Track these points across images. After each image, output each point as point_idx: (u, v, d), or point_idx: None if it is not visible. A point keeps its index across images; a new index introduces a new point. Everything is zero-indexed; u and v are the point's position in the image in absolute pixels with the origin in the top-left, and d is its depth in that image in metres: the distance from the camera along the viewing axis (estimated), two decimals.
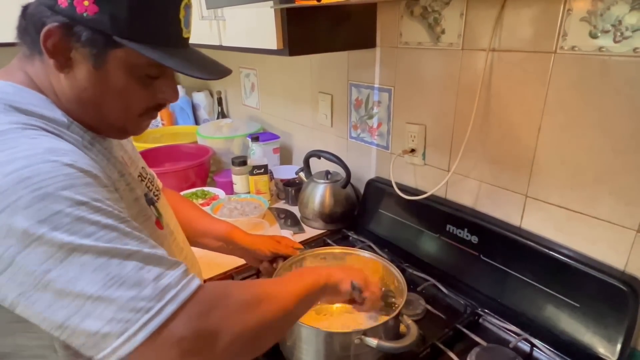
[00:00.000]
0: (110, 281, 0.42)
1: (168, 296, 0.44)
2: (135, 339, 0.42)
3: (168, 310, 0.44)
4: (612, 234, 0.78)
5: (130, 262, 0.44)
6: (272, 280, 0.61)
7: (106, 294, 0.42)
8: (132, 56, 0.52)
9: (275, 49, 1.00)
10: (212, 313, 0.46)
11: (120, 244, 0.44)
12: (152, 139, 1.85)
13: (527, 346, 0.81)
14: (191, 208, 0.92)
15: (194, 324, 0.45)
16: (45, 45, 0.49)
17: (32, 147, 0.45)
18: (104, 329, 0.42)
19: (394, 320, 0.73)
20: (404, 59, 1.09)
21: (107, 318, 0.42)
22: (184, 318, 0.44)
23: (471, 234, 0.97)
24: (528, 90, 0.84)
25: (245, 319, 0.49)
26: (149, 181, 0.70)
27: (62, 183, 0.43)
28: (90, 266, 0.42)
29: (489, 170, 0.96)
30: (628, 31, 0.69)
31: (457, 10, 0.93)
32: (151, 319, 0.43)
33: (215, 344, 0.46)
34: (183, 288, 0.46)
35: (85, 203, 0.44)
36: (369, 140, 1.29)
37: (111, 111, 0.55)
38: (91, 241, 0.43)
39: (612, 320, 0.75)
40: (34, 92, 0.52)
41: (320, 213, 1.26)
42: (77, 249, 0.42)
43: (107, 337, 0.42)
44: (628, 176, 0.74)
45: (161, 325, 0.43)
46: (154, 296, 0.44)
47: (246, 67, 1.86)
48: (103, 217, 0.45)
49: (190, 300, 0.46)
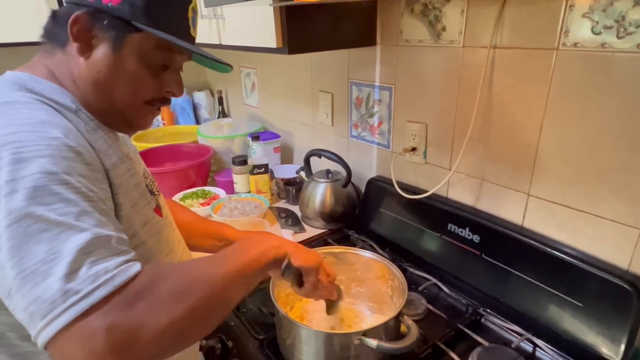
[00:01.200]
0: (50, 256, 0.41)
1: (101, 280, 0.42)
2: (56, 322, 0.40)
3: (97, 294, 0.41)
4: (616, 232, 0.77)
5: (75, 239, 0.43)
6: (213, 257, 0.55)
7: (42, 269, 0.41)
8: (146, 43, 0.58)
9: (275, 48, 0.99)
10: (136, 305, 0.43)
11: (72, 220, 0.43)
12: (153, 139, 1.84)
13: (530, 346, 0.80)
14: (184, 212, 0.93)
15: (114, 316, 0.42)
16: (72, 30, 0.55)
17: (29, 117, 0.48)
18: (30, 308, 0.41)
19: (395, 320, 0.72)
20: (404, 56, 1.08)
21: (34, 296, 0.40)
22: (107, 309, 0.42)
23: (473, 233, 0.96)
24: (530, 88, 0.83)
25: (174, 310, 0.45)
26: (151, 180, 0.72)
27: (41, 152, 0.45)
28: (35, 237, 0.42)
29: (491, 168, 0.96)
30: (632, 27, 0.68)
31: (458, 7, 0.92)
32: (76, 302, 0.41)
33: (138, 337, 0.42)
34: (120, 272, 0.44)
35: (55, 173, 0.44)
36: (369, 139, 1.28)
37: (120, 95, 0.60)
38: (44, 211, 0.42)
39: (615, 320, 0.74)
40: (47, 82, 0.57)
41: (321, 212, 1.26)
42: (28, 216, 0.42)
43: (32, 316, 0.41)
44: (631, 174, 0.73)
45: (85, 312, 0.41)
46: (86, 278, 0.42)
47: (247, 66, 1.85)
48: (67, 190, 0.45)
49: (122, 289, 0.43)
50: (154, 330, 0.43)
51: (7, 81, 0.54)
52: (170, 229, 0.71)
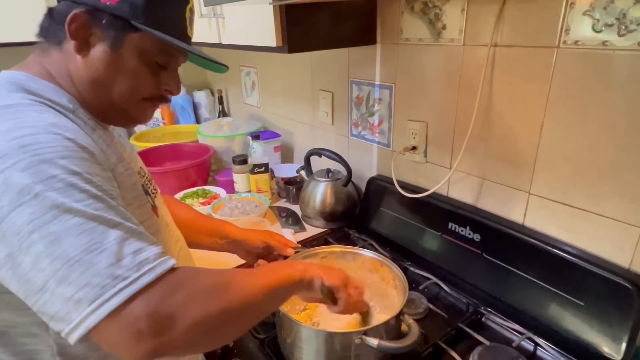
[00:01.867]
0: (93, 246, 0.43)
1: (145, 268, 0.45)
2: (107, 306, 0.42)
3: (144, 280, 0.44)
4: (617, 231, 0.77)
5: (113, 231, 0.45)
6: (244, 270, 0.58)
7: (86, 258, 0.43)
8: (145, 42, 0.58)
9: (275, 47, 0.99)
10: (174, 296, 0.46)
11: (106, 214, 0.46)
12: (153, 138, 1.84)
13: (531, 345, 0.80)
14: (183, 209, 0.93)
15: (155, 304, 0.44)
16: (70, 28, 0.55)
17: (37, 119, 0.49)
18: (78, 295, 0.42)
19: (395, 319, 0.72)
20: (404, 55, 1.08)
21: (83, 283, 0.42)
22: (147, 296, 0.44)
23: (473, 231, 0.96)
24: (530, 86, 0.83)
25: (208, 305, 0.48)
26: (147, 179, 0.72)
27: (61, 153, 0.46)
28: (75, 229, 0.43)
29: (491, 167, 0.95)
30: (633, 24, 0.67)
31: (458, 5, 0.91)
32: (126, 287, 0.43)
33: (172, 328, 0.45)
34: (160, 264, 0.46)
35: (79, 173, 0.46)
36: (370, 138, 1.28)
37: (119, 93, 0.60)
38: (80, 206, 0.44)
39: (616, 318, 0.74)
40: (45, 81, 0.57)
41: (322, 211, 1.26)
42: (67, 211, 0.43)
43: (79, 303, 0.42)
44: (633, 173, 0.73)
45: (132, 296, 0.43)
46: (132, 266, 0.44)
47: (247, 65, 1.85)
48: (93, 188, 0.47)
49: (162, 278, 0.46)
50: (189, 320, 0.46)
51: (4, 82, 0.54)
52: (166, 230, 0.71)
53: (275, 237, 0.92)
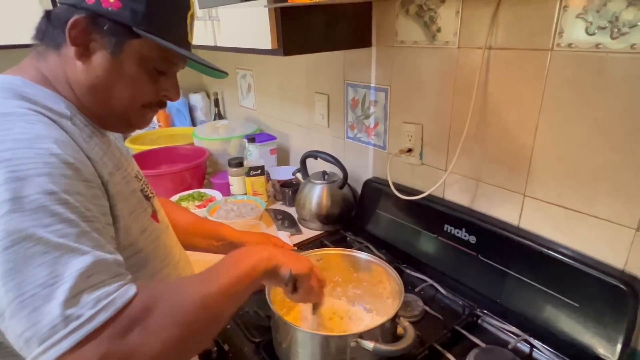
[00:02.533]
0: (51, 280, 0.41)
1: (102, 304, 0.42)
2: (59, 347, 0.39)
3: (99, 319, 0.41)
4: (611, 232, 0.77)
5: (77, 261, 0.42)
6: (203, 276, 0.54)
7: (41, 294, 0.40)
8: (145, 48, 0.57)
9: (270, 49, 0.99)
10: (131, 332, 0.43)
11: (73, 242, 0.43)
12: (148, 141, 1.84)
13: (527, 347, 0.80)
14: (180, 211, 0.93)
15: (105, 348, 0.41)
16: (70, 34, 0.54)
17: (25, 131, 0.47)
18: (27, 333, 0.40)
19: (391, 322, 0.72)
20: (400, 58, 1.08)
21: (33, 321, 0.40)
22: (101, 338, 0.41)
23: (469, 233, 0.96)
24: (525, 88, 0.84)
25: (167, 335, 0.45)
26: (144, 183, 0.71)
27: (39, 170, 0.44)
28: (36, 259, 0.41)
29: (487, 169, 0.96)
30: (625, 27, 0.68)
31: (452, 8, 0.92)
32: (79, 327, 0.40)
33: None
34: (119, 297, 0.43)
35: (54, 193, 0.44)
36: (365, 140, 1.28)
37: (119, 99, 0.59)
38: (46, 232, 0.42)
39: (611, 320, 0.74)
40: (41, 87, 0.56)
41: (318, 214, 1.25)
42: (28, 238, 0.41)
43: (30, 341, 0.40)
44: (626, 174, 0.73)
45: (85, 338, 0.40)
46: (88, 302, 0.41)
47: (242, 68, 1.85)
48: (67, 211, 0.44)
49: (120, 313, 0.43)
50: (147, 357, 0.43)
51: (0, 87, 0.53)
52: (166, 234, 0.71)
53: (271, 239, 0.92)
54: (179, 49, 0.58)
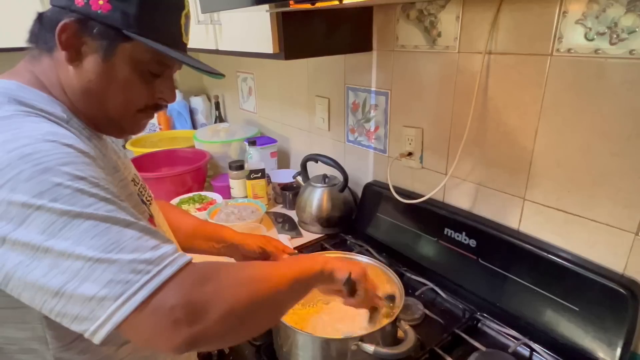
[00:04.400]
0: (110, 246, 0.43)
1: (165, 262, 0.45)
2: (133, 300, 0.42)
3: (167, 272, 0.45)
4: (611, 236, 0.78)
5: (129, 231, 0.45)
6: (265, 262, 0.60)
7: (106, 257, 0.43)
8: (138, 51, 0.56)
9: (271, 53, 1.00)
10: (205, 284, 0.47)
11: (118, 214, 0.46)
12: (149, 144, 1.84)
13: (527, 351, 0.80)
14: (179, 213, 0.92)
15: (187, 293, 0.45)
16: (60, 38, 0.53)
17: (34, 129, 0.48)
18: (101, 292, 0.42)
19: (392, 325, 0.72)
20: (400, 62, 1.09)
21: (105, 280, 0.42)
22: (178, 286, 0.45)
23: (469, 237, 0.97)
24: (525, 93, 0.84)
25: (238, 293, 0.49)
26: (142, 187, 0.71)
27: (63, 159, 0.45)
28: (90, 232, 0.43)
29: (487, 173, 0.96)
30: (624, 33, 0.68)
31: (453, 13, 0.93)
32: (150, 280, 0.43)
33: (207, 315, 0.45)
34: (178, 257, 0.47)
35: (84, 178, 0.46)
36: (366, 144, 1.29)
37: (113, 104, 0.58)
38: (91, 210, 0.44)
39: (611, 323, 0.74)
40: (36, 90, 0.55)
41: (318, 217, 1.26)
42: (78, 216, 0.43)
43: (104, 300, 0.42)
44: (626, 179, 0.74)
45: (158, 288, 0.43)
46: (153, 260, 0.45)
47: (243, 71, 1.86)
48: (101, 191, 0.46)
49: (183, 270, 0.46)
50: (223, 308, 0.46)
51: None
52: None
53: (272, 242, 0.91)
54: (172, 52, 0.57)
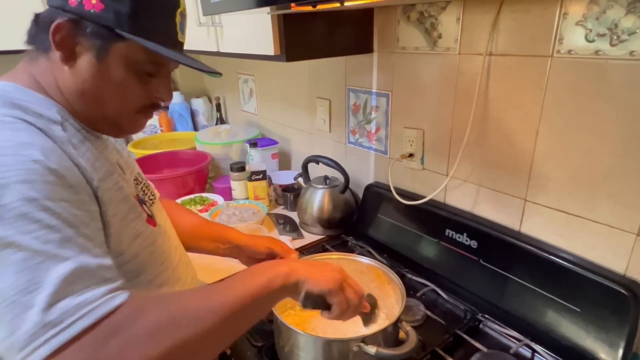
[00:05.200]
0: (31, 286, 0.40)
1: (81, 312, 0.41)
2: (35, 355, 0.39)
3: (76, 327, 0.40)
4: (612, 237, 0.78)
5: (59, 267, 0.41)
6: (209, 288, 0.51)
7: (21, 301, 0.40)
8: (132, 51, 0.55)
9: (272, 55, 1.00)
10: (108, 344, 0.41)
11: (55, 249, 0.42)
12: (150, 146, 1.85)
13: (528, 352, 0.80)
14: (185, 213, 0.92)
15: (85, 355, 0.40)
16: (54, 38, 0.53)
17: (9, 139, 0.46)
18: (9, 340, 0.39)
19: (393, 326, 0.72)
20: (401, 63, 1.09)
21: (13, 328, 0.39)
22: (77, 349, 0.40)
23: (470, 238, 0.97)
24: (525, 94, 0.84)
25: (149, 349, 0.42)
26: (144, 186, 0.71)
27: (21, 177, 0.43)
28: (16, 266, 0.40)
29: (488, 174, 0.96)
30: (624, 34, 0.69)
31: (453, 15, 0.93)
32: (57, 334, 0.40)
33: None
34: (103, 304, 0.42)
35: (35, 200, 0.43)
36: (367, 145, 1.29)
37: (109, 104, 0.58)
38: (27, 239, 0.41)
39: (613, 324, 0.74)
40: (33, 92, 0.55)
41: (319, 218, 1.26)
42: (9, 245, 0.41)
43: (11, 348, 0.39)
44: (626, 179, 0.74)
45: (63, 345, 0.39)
46: (69, 309, 0.40)
47: (244, 72, 1.86)
48: (48, 217, 0.43)
49: (102, 321, 0.41)
50: None
51: None
52: (164, 238, 0.70)
53: (278, 244, 0.90)
54: (165, 50, 0.56)
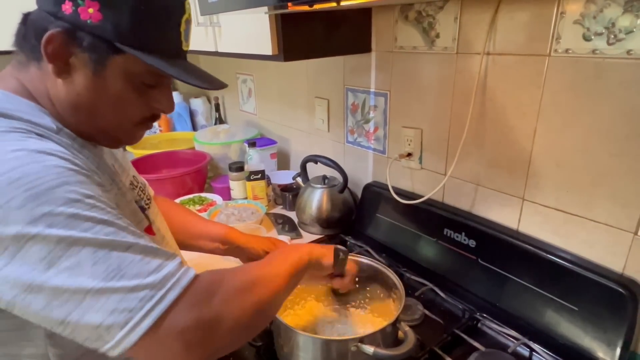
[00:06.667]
0: (111, 273, 0.42)
1: (169, 284, 0.45)
2: (140, 328, 0.42)
3: (171, 296, 0.44)
4: (610, 236, 0.78)
5: (129, 255, 0.44)
6: (260, 263, 0.61)
7: (108, 286, 0.42)
8: (130, 63, 0.52)
9: (270, 55, 1.00)
10: (211, 300, 0.47)
11: (118, 237, 0.45)
12: (149, 145, 1.84)
13: (526, 351, 0.80)
14: (185, 213, 0.92)
15: (196, 313, 0.45)
16: (46, 49, 0.49)
17: (20, 148, 0.45)
18: (107, 321, 0.42)
19: (392, 326, 0.72)
20: (399, 63, 1.09)
21: (109, 309, 0.42)
22: (184, 307, 0.45)
23: (469, 237, 0.97)
24: (523, 93, 0.84)
25: (243, 302, 0.50)
26: (140, 189, 0.70)
27: (55, 181, 0.43)
28: (89, 260, 0.42)
29: (486, 173, 0.96)
30: (621, 33, 0.69)
31: (451, 14, 0.93)
32: (155, 306, 0.43)
33: (217, 331, 0.46)
34: (182, 276, 0.46)
35: (79, 200, 0.44)
36: (365, 145, 1.29)
37: (105, 118, 0.55)
38: (89, 235, 0.43)
39: (611, 323, 0.74)
40: (24, 100, 0.52)
41: (318, 218, 1.26)
42: (76, 242, 0.42)
43: (110, 328, 0.42)
44: (624, 178, 0.74)
45: (164, 313, 0.43)
46: (156, 284, 0.44)
47: (243, 72, 1.86)
48: (98, 213, 0.45)
49: (189, 288, 0.46)
50: (231, 321, 0.48)
51: None
52: (162, 244, 0.69)
53: (277, 245, 0.91)
54: (168, 67, 0.52)
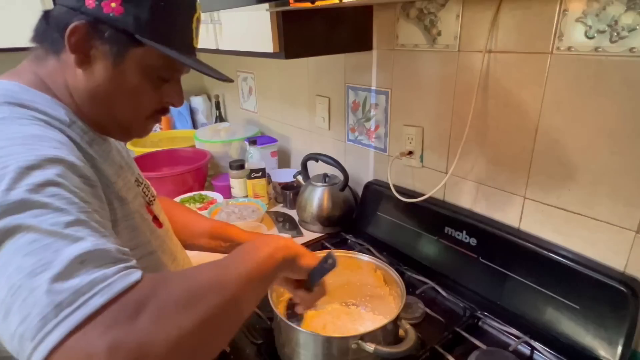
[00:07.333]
0: (38, 268, 0.36)
1: (96, 288, 0.36)
2: (48, 341, 0.34)
3: (93, 303, 0.36)
4: (611, 235, 0.77)
5: (71, 248, 0.38)
6: (215, 263, 0.49)
7: (27, 284, 0.36)
8: (149, 57, 0.55)
9: (272, 52, 1.00)
10: (140, 316, 0.37)
11: (68, 229, 0.39)
12: (150, 144, 1.84)
13: (527, 349, 0.80)
14: (186, 212, 0.92)
15: (117, 332, 0.35)
16: (70, 40, 0.52)
17: (18, 132, 0.45)
18: (20, 329, 0.35)
19: (393, 324, 0.72)
20: (400, 61, 1.09)
21: (23, 315, 0.35)
22: (100, 324, 0.35)
23: (470, 236, 0.97)
24: (525, 92, 0.84)
25: (182, 320, 0.39)
26: (145, 187, 0.71)
27: (28, 163, 0.41)
28: (24, 249, 0.37)
29: (487, 171, 0.96)
30: (624, 31, 0.68)
31: (452, 12, 0.93)
32: (71, 314, 0.35)
33: (146, 356, 0.36)
34: (118, 280, 0.38)
35: (43, 184, 0.41)
36: (366, 143, 1.29)
37: (121, 109, 0.58)
38: (36, 221, 0.38)
39: (612, 322, 0.74)
40: (39, 92, 0.54)
41: (319, 216, 1.26)
42: (17, 229, 0.38)
43: (22, 339, 0.35)
44: (626, 177, 0.73)
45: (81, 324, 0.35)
46: (80, 287, 0.36)
47: (244, 70, 1.86)
48: (57, 201, 0.40)
49: (120, 297, 0.37)
50: (164, 346, 0.37)
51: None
52: (170, 237, 0.71)
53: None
54: (185, 59, 0.56)
